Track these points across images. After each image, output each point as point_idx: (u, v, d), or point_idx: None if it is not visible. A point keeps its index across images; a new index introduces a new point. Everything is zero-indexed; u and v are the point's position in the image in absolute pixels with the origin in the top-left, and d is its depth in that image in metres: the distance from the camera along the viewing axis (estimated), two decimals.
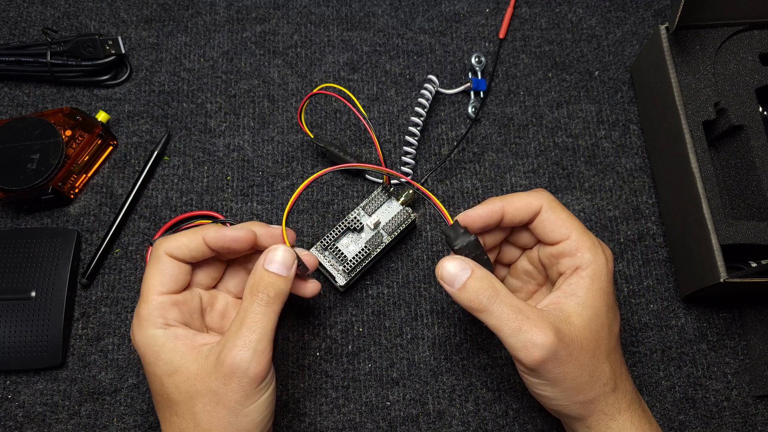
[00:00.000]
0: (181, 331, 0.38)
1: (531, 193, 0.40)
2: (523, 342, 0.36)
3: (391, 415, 0.47)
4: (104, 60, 0.54)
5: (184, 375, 0.36)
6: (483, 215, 0.40)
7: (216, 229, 0.40)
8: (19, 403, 0.47)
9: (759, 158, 0.47)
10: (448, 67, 0.58)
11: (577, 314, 0.37)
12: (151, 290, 0.38)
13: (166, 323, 0.38)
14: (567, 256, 0.39)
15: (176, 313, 0.39)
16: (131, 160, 0.54)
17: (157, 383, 0.37)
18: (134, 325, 0.38)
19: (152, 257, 0.39)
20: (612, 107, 0.56)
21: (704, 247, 0.45)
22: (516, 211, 0.40)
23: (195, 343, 0.38)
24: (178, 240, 0.39)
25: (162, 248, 0.39)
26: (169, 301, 0.39)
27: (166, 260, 0.39)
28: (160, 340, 0.37)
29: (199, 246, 0.39)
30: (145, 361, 0.38)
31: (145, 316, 0.38)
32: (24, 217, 0.52)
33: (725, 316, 0.51)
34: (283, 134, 0.55)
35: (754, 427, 0.48)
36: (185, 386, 0.36)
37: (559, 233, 0.39)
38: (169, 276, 0.39)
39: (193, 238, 0.39)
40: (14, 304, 0.48)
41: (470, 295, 0.37)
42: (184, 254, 0.39)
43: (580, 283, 0.38)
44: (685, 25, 0.49)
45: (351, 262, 0.48)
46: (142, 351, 0.38)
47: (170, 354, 0.37)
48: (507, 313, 0.36)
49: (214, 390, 0.36)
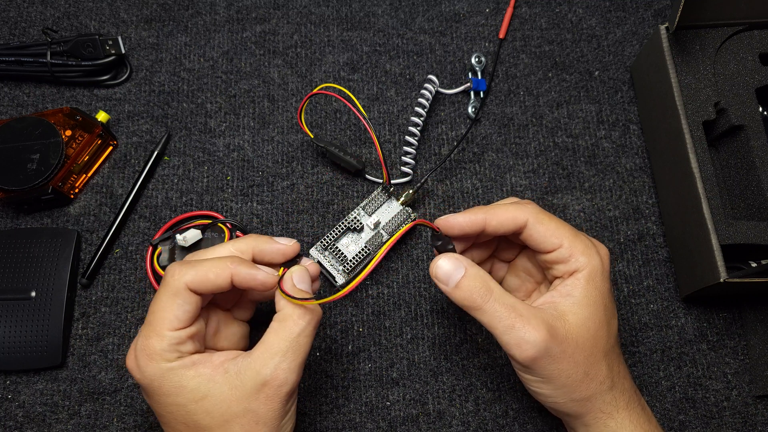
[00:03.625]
0: (197, 356, 0.36)
1: (517, 206, 0.40)
2: (516, 339, 0.36)
3: (391, 415, 0.47)
4: (104, 60, 0.54)
5: (216, 398, 0.35)
6: (462, 223, 0.40)
7: (247, 269, 0.37)
8: (19, 403, 0.47)
9: (759, 158, 0.47)
10: (448, 67, 0.58)
11: (572, 313, 0.38)
12: (165, 324, 0.36)
13: (181, 356, 0.36)
14: (561, 263, 0.39)
15: (190, 345, 0.37)
16: (131, 160, 0.54)
17: (181, 412, 0.35)
18: (141, 359, 0.36)
19: (169, 287, 0.36)
20: (612, 107, 0.56)
21: (704, 247, 0.45)
22: (499, 224, 0.40)
23: (215, 363, 0.36)
24: (201, 273, 0.36)
25: (183, 279, 0.36)
26: (185, 335, 0.36)
27: (186, 295, 0.36)
28: (178, 371, 0.35)
29: (226, 284, 0.36)
30: (159, 393, 0.36)
31: (158, 351, 0.35)
32: (24, 217, 0.52)
33: (725, 316, 0.51)
34: (283, 134, 0.55)
35: (754, 427, 0.48)
36: (218, 410, 0.35)
37: (550, 243, 0.39)
38: (187, 312, 0.36)
39: (219, 274, 0.36)
40: (14, 304, 0.48)
41: (464, 293, 0.37)
42: (207, 289, 0.36)
43: (576, 284, 0.38)
44: (685, 25, 0.49)
45: (351, 262, 0.48)
46: (157, 384, 0.35)
47: (195, 381, 0.35)
48: (500, 311, 0.37)
49: (254, 410, 0.35)
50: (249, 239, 0.40)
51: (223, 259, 0.37)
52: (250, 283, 0.37)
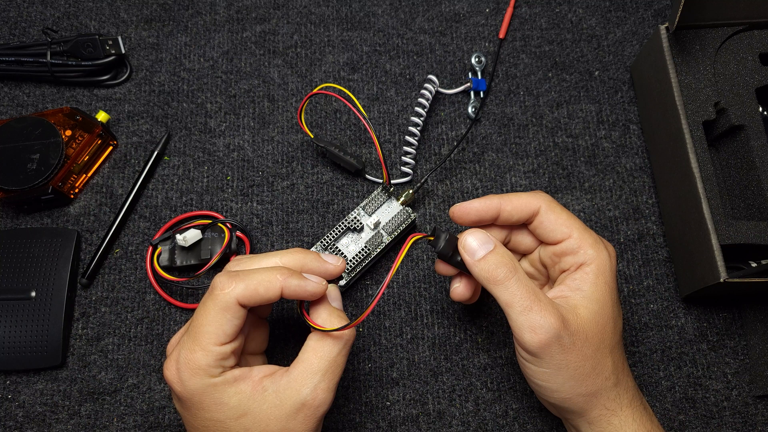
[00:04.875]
0: (237, 371, 0.36)
1: (530, 193, 0.41)
2: (530, 322, 0.36)
3: (391, 415, 0.47)
4: (104, 60, 0.54)
5: (256, 417, 0.35)
6: (479, 208, 0.40)
7: (297, 280, 0.36)
8: (19, 403, 0.47)
9: (759, 158, 0.47)
10: (448, 67, 0.58)
11: (583, 306, 0.38)
12: (211, 339, 0.35)
13: (224, 371, 0.36)
14: (569, 255, 0.39)
15: (232, 359, 0.36)
16: (131, 160, 0.54)
17: (219, 428, 0.35)
18: (184, 373, 0.35)
19: (219, 301, 0.35)
20: (612, 107, 0.56)
21: (704, 247, 0.45)
22: (513, 210, 0.40)
23: (255, 380, 0.36)
24: (252, 287, 0.35)
25: (234, 294, 0.35)
26: (230, 349, 0.36)
27: (236, 309, 0.35)
28: (220, 387, 0.35)
29: (275, 296, 0.36)
30: (199, 407, 0.35)
31: (203, 366, 0.35)
32: (24, 217, 0.52)
33: (725, 316, 0.51)
34: (283, 134, 0.55)
35: (754, 427, 0.48)
36: (257, 427, 0.35)
37: (560, 232, 0.39)
38: (235, 326, 0.35)
39: (269, 288, 0.35)
40: (14, 304, 0.48)
41: (489, 266, 0.38)
42: (256, 303, 0.35)
43: (585, 278, 0.39)
44: (685, 25, 0.49)
45: (351, 262, 0.48)
46: (198, 399, 0.35)
47: (236, 398, 0.35)
48: (521, 290, 0.37)
49: (291, 429, 0.35)
50: (297, 254, 0.39)
51: (272, 271, 0.36)
52: (300, 295, 0.36)
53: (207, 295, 0.36)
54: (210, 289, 0.36)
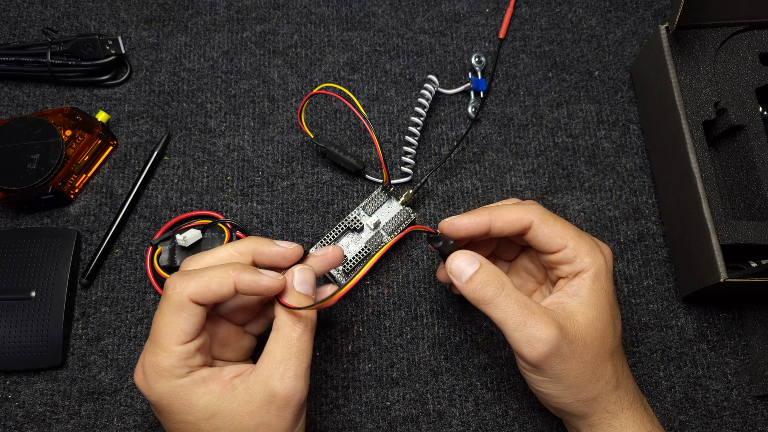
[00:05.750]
0: (206, 371, 0.36)
1: (521, 207, 0.40)
2: (527, 337, 0.36)
3: (391, 415, 0.47)
4: (104, 60, 0.54)
5: (226, 415, 0.35)
6: (468, 225, 0.39)
7: (251, 275, 0.36)
8: (19, 403, 0.47)
9: (759, 158, 0.47)
10: (448, 67, 0.58)
11: (581, 313, 0.38)
12: (171, 340, 0.35)
13: (191, 370, 0.35)
14: (566, 264, 0.39)
15: (198, 358, 0.36)
16: (131, 160, 0.54)
17: (190, 428, 0.35)
18: (150, 376, 0.35)
19: (171, 301, 0.35)
20: (612, 107, 0.56)
21: (704, 247, 0.45)
22: (504, 225, 0.40)
23: (224, 380, 0.36)
24: (203, 284, 0.35)
25: (186, 293, 0.34)
26: (192, 348, 0.35)
27: (191, 307, 0.35)
28: (187, 388, 0.35)
29: (229, 292, 0.35)
30: (169, 410, 0.35)
31: (166, 368, 0.34)
32: (24, 217, 0.52)
33: (725, 316, 0.51)
34: (283, 134, 0.55)
35: (754, 427, 0.48)
36: (229, 426, 0.35)
37: (555, 244, 0.39)
38: (193, 324, 0.35)
39: (222, 283, 0.35)
40: (14, 304, 0.48)
41: (476, 286, 0.37)
42: (210, 300, 0.35)
43: (582, 284, 0.38)
44: (685, 25, 0.49)
45: (351, 262, 0.48)
46: (166, 402, 0.35)
47: (205, 398, 0.35)
48: (512, 306, 0.36)
49: (266, 423, 0.35)
50: (248, 241, 0.38)
51: (225, 267, 0.36)
52: (255, 290, 0.36)
53: (162, 296, 0.36)
54: (164, 291, 0.36)
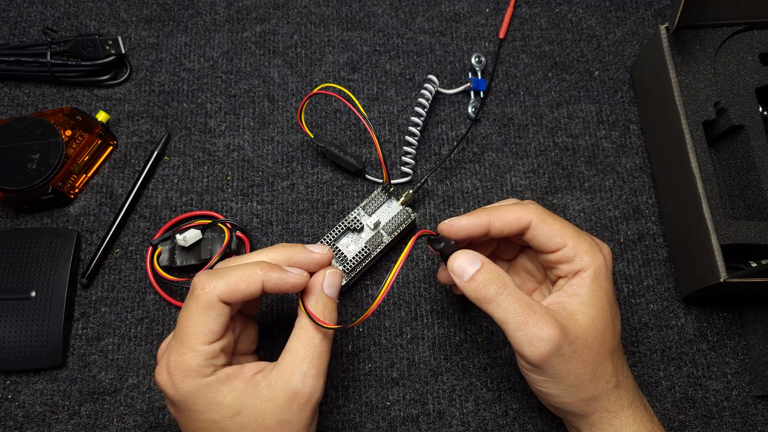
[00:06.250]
0: (229, 369, 0.36)
1: (520, 206, 0.40)
2: (528, 336, 0.36)
3: (391, 415, 0.47)
4: (104, 60, 0.54)
5: (251, 413, 0.35)
6: (467, 226, 0.40)
7: (277, 273, 0.36)
8: (19, 403, 0.47)
9: (759, 158, 0.47)
10: (448, 67, 0.58)
11: (581, 312, 0.38)
12: (199, 339, 0.35)
13: (216, 369, 0.36)
14: (565, 263, 0.39)
15: (222, 357, 0.36)
16: (131, 160, 0.54)
17: (214, 428, 0.35)
18: (176, 375, 0.35)
19: (200, 300, 0.35)
20: (612, 107, 0.56)
21: (704, 247, 0.45)
22: (503, 225, 0.40)
23: (247, 376, 0.36)
24: (233, 284, 0.35)
25: (215, 292, 0.35)
26: (219, 347, 0.36)
27: (219, 307, 0.35)
28: (213, 386, 0.35)
29: (257, 291, 0.36)
30: (193, 409, 0.35)
31: (194, 367, 0.35)
32: (24, 217, 0.52)
33: (725, 316, 0.51)
34: (283, 134, 0.55)
35: (754, 427, 0.48)
36: (252, 423, 0.35)
37: (554, 243, 0.39)
38: (220, 324, 0.35)
39: (250, 282, 0.35)
40: (14, 304, 0.48)
41: (478, 285, 0.37)
42: (238, 299, 0.35)
43: (582, 283, 0.38)
44: (685, 25, 0.49)
45: (351, 262, 0.48)
46: (192, 401, 0.35)
47: (230, 396, 0.35)
48: (514, 305, 0.37)
49: (287, 420, 0.35)
50: (282, 249, 0.39)
51: (251, 266, 0.36)
52: (282, 288, 0.36)
53: (189, 296, 0.36)
54: (191, 290, 0.36)
